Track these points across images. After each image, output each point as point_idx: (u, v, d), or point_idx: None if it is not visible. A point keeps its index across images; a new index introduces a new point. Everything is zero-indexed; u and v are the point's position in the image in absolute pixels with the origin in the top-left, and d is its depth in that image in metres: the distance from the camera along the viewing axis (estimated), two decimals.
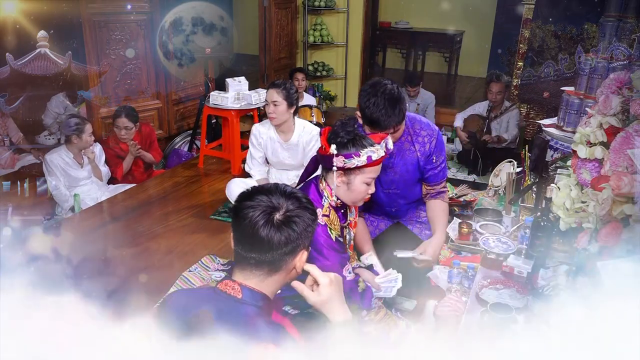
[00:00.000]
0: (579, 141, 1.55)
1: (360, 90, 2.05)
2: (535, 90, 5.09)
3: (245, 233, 1.16)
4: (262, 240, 1.14)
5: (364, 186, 1.79)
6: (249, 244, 1.16)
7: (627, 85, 1.48)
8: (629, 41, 2.83)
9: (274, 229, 1.15)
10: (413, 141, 2.23)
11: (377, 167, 1.79)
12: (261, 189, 1.22)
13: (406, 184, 2.30)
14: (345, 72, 6.69)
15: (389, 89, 1.97)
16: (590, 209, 1.44)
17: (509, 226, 2.53)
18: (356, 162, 1.72)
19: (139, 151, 3.92)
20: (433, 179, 2.31)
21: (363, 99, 2.00)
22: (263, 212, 1.15)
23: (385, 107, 1.95)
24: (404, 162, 2.24)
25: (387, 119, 1.97)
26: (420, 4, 8.16)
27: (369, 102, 1.97)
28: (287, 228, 1.16)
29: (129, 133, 3.85)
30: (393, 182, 2.28)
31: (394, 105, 1.96)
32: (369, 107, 1.96)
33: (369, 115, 1.98)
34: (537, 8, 4.92)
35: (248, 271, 1.19)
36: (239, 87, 4.12)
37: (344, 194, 1.82)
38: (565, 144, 2.83)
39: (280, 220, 1.16)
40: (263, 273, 1.19)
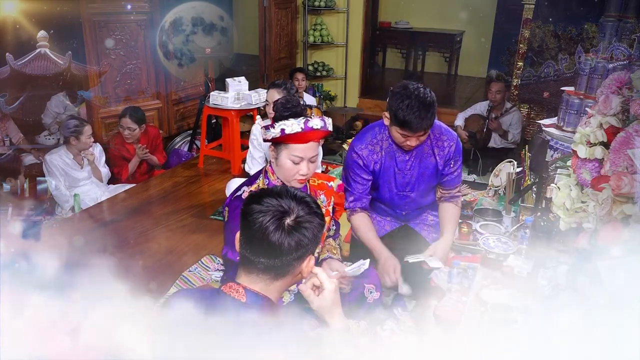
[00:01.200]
0: (579, 141, 1.55)
1: (392, 91, 2.05)
2: (535, 90, 5.09)
3: (255, 237, 1.14)
4: (272, 246, 1.13)
5: (289, 163, 1.79)
6: (258, 248, 1.14)
7: (627, 85, 1.48)
8: (629, 41, 2.82)
9: (285, 235, 1.13)
10: (433, 146, 2.23)
11: (302, 147, 1.78)
12: (270, 192, 1.20)
13: (421, 188, 2.30)
14: (345, 72, 6.69)
15: (423, 93, 1.99)
16: (590, 209, 1.44)
17: (509, 226, 2.53)
18: (271, 134, 1.76)
19: (147, 155, 3.94)
20: (449, 184, 2.32)
21: (395, 101, 2.00)
22: (274, 217, 1.13)
23: (419, 109, 1.96)
24: (421, 166, 2.24)
25: (420, 122, 1.98)
26: (420, 4, 8.16)
27: (402, 104, 1.97)
28: (298, 234, 1.14)
29: (132, 134, 3.86)
30: (408, 184, 2.27)
31: (427, 109, 1.97)
32: (402, 109, 1.97)
33: (402, 118, 1.98)
34: (537, 8, 4.92)
35: (254, 275, 1.18)
36: (239, 87, 4.12)
37: (276, 169, 1.85)
38: (565, 144, 2.83)
39: (291, 225, 1.14)
40: (269, 277, 1.17)
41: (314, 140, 1.81)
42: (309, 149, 1.80)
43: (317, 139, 1.83)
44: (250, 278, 1.18)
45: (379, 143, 2.22)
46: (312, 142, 1.80)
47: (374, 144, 2.22)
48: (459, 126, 4.79)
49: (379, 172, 2.25)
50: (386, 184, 2.29)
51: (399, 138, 2.09)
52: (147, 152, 3.94)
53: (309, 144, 1.80)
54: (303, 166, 1.80)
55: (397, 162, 2.22)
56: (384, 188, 2.30)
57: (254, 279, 1.17)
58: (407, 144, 2.08)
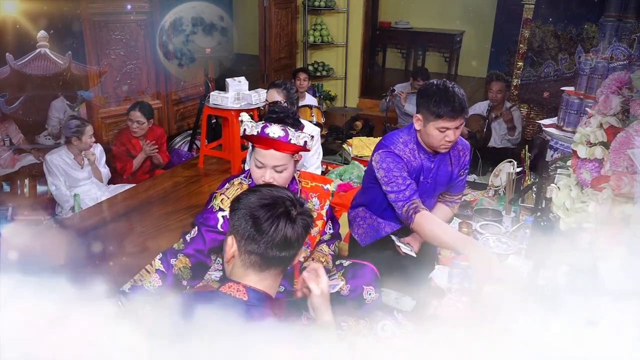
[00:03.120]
0: (579, 141, 1.55)
1: (421, 91, 2.08)
2: (535, 90, 5.09)
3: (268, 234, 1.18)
4: (288, 238, 1.18)
5: (253, 166, 1.81)
6: (272, 243, 1.18)
7: (627, 85, 1.48)
8: (629, 41, 2.82)
9: (297, 225, 1.20)
10: (451, 155, 2.23)
11: (263, 152, 1.76)
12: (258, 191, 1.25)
13: (432, 194, 2.30)
14: (345, 72, 6.69)
15: (449, 84, 2.04)
16: (590, 209, 1.44)
17: (509, 226, 2.53)
18: (241, 131, 1.81)
19: (153, 151, 3.98)
20: (454, 190, 2.35)
21: (426, 97, 2.03)
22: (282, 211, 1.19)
23: (452, 95, 1.99)
24: (439, 173, 2.23)
25: (457, 106, 1.99)
26: (420, 4, 8.16)
27: (435, 96, 2.00)
28: (303, 221, 1.22)
29: (140, 127, 3.90)
30: (427, 191, 2.24)
31: (460, 99, 2.01)
32: (436, 100, 1.99)
33: (437, 108, 1.99)
34: (537, 8, 4.92)
35: (267, 272, 1.21)
36: (239, 87, 4.12)
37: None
38: (565, 144, 2.83)
39: (295, 215, 1.21)
40: (271, 274, 1.21)
41: (276, 149, 1.75)
42: (272, 157, 1.76)
43: (281, 149, 1.76)
44: (262, 276, 1.20)
45: (408, 145, 2.15)
46: (273, 150, 1.75)
47: (402, 150, 2.13)
48: None
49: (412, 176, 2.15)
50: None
51: (437, 136, 2.03)
52: (154, 148, 3.99)
53: (270, 152, 1.75)
54: (266, 174, 1.77)
55: (423, 169, 2.18)
56: None
57: (266, 275, 1.20)
58: (445, 140, 2.03)
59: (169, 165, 4.32)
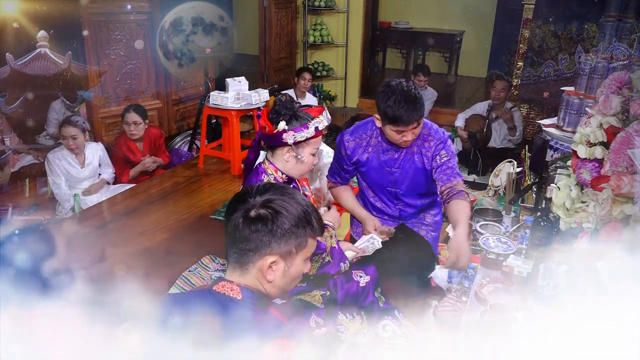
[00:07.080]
0: (579, 141, 1.55)
1: (378, 92, 2.09)
2: (535, 90, 5.10)
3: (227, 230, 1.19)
4: (240, 234, 1.18)
5: (311, 157, 1.92)
6: (229, 239, 1.19)
7: (627, 85, 1.48)
8: (629, 41, 2.82)
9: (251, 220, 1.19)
10: (419, 146, 2.22)
11: (319, 138, 1.93)
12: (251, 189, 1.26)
13: (410, 186, 2.29)
14: (345, 72, 6.69)
15: (406, 86, 2.03)
16: (590, 209, 1.44)
17: (509, 226, 2.53)
18: (305, 134, 1.84)
19: (151, 167, 4.03)
20: (444, 176, 2.20)
21: (383, 99, 2.04)
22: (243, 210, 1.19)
23: (406, 102, 2.00)
24: (408, 165, 2.24)
25: (411, 114, 2.01)
26: (420, 4, 8.15)
27: (389, 101, 2.01)
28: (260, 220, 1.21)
29: (137, 128, 3.88)
30: (396, 181, 2.28)
31: (415, 101, 2.01)
32: (390, 106, 2.01)
33: (392, 114, 2.02)
34: (537, 8, 4.92)
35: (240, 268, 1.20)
36: (239, 87, 4.12)
37: (293, 167, 1.93)
38: (565, 144, 2.83)
39: (254, 211, 1.21)
40: (248, 270, 1.20)
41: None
42: (320, 137, 1.95)
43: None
44: (237, 274, 1.20)
45: (366, 139, 2.26)
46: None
47: (362, 139, 2.27)
48: (459, 127, 4.78)
49: (366, 168, 2.29)
50: (375, 180, 2.32)
51: (394, 136, 2.09)
52: (156, 165, 4.06)
53: (319, 137, 1.93)
54: (317, 155, 1.97)
55: (385, 159, 2.25)
56: (373, 184, 2.34)
57: (244, 274, 1.19)
58: (403, 140, 2.09)
59: (169, 165, 4.32)
